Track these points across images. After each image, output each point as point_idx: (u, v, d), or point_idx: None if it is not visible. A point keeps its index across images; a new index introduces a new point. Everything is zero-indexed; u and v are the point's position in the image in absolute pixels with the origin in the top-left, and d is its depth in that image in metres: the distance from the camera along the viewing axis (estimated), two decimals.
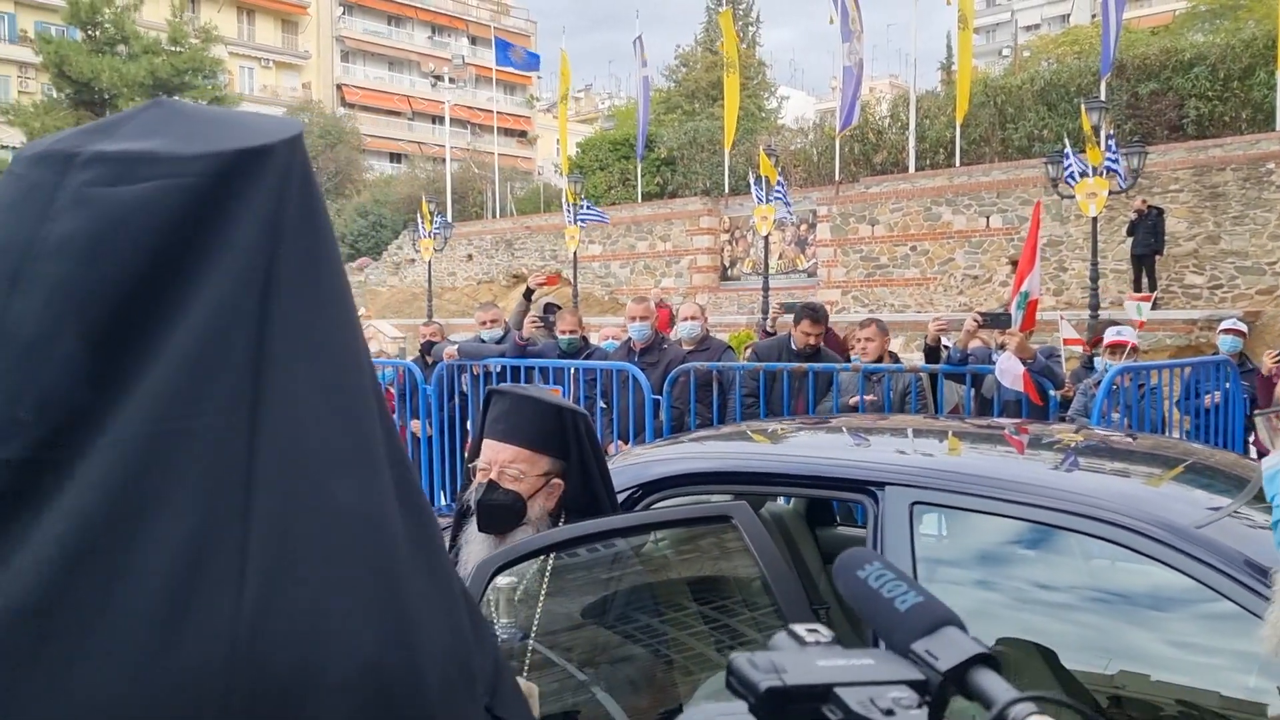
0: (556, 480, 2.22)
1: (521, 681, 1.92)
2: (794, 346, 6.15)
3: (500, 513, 2.16)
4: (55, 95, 37.52)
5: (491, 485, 2.16)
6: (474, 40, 57.72)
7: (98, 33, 36.24)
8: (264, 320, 0.64)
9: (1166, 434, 5.65)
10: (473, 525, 2.21)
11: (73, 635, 0.58)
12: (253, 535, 0.61)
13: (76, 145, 0.67)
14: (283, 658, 0.60)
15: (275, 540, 0.62)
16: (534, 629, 2.08)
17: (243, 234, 0.65)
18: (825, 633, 0.64)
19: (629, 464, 2.75)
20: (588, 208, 20.42)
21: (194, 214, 0.64)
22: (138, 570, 0.59)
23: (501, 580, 1.96)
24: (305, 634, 0.61)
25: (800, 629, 0.64)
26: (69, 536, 0.59)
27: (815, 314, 6.31)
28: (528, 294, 6.93)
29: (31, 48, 38.92)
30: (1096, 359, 6.87)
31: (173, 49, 36.37)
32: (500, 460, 2.17)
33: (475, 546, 2.17)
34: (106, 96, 36.18)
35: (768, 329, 6.95)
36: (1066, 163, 14.68)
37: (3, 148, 38.58)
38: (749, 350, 6.47)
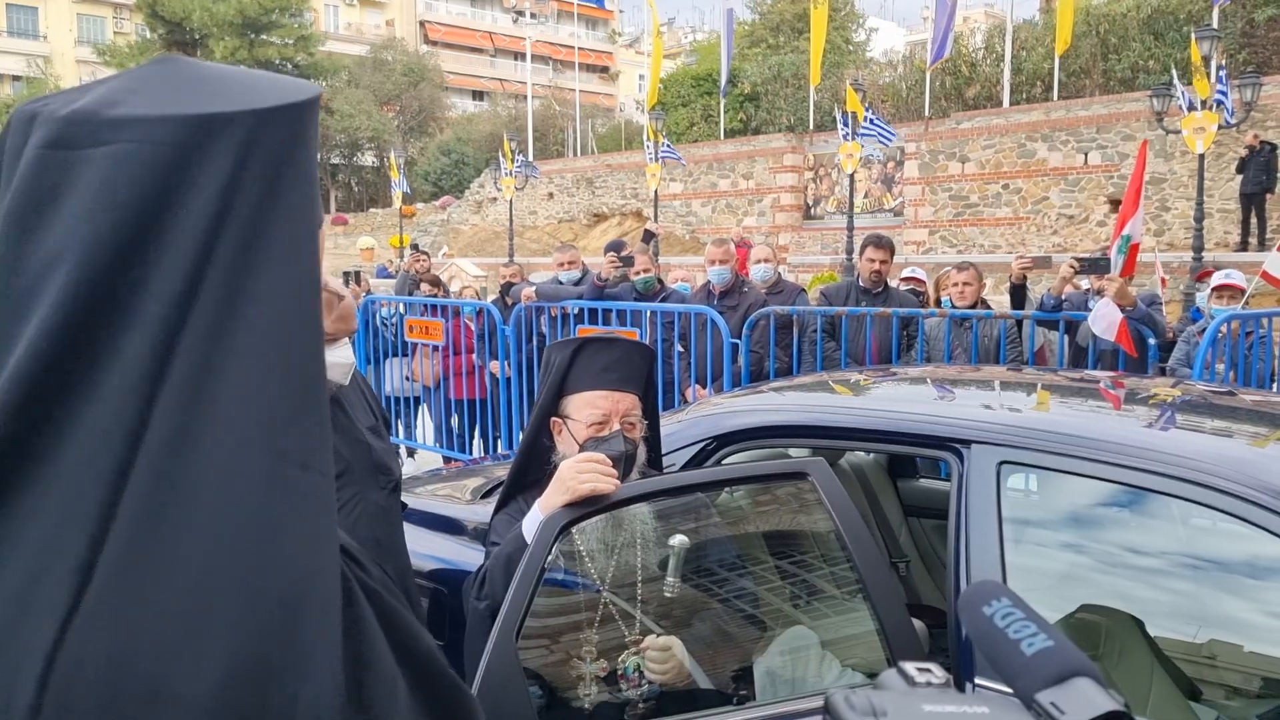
0: (643, 420, 2.25)
1: (664, 640, 1.93)
2: (861, 282, 5.99)
3: (628, 463, 2.16)
4: (149, 36, 38.38)
5: (624, 436, 2.16)
6: None
7: None
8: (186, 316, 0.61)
9: (1277, 388, 5.37)
10: None
11: None
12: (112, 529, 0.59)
13: (44, 105, 0.63)
14: (112, 664, 0.57)
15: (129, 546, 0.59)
16: (608, 581, 2.06)
17: (189, 210, 0.60)
18: (939, 674, 0.58)
19: (705, 414, 2.70)
20: (667, 146, 20.26)
21: (144, 180, 0.60)
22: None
23: (675, 540, 2.00)
24: (159, 644, 0.58)
25: (911, 668, 0.58)
26: None
27: (879, 240, 6.17)
28: (647, 237, 6.92)
29: None
30: (1198, 302, 6.54)
31: None
32: (622, 410, 2.18)
33: None
34: (198, 36, 36.87)
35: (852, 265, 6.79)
36: (1173, 96, 13.98)
37: None
38: (817, 294, 6.33)
